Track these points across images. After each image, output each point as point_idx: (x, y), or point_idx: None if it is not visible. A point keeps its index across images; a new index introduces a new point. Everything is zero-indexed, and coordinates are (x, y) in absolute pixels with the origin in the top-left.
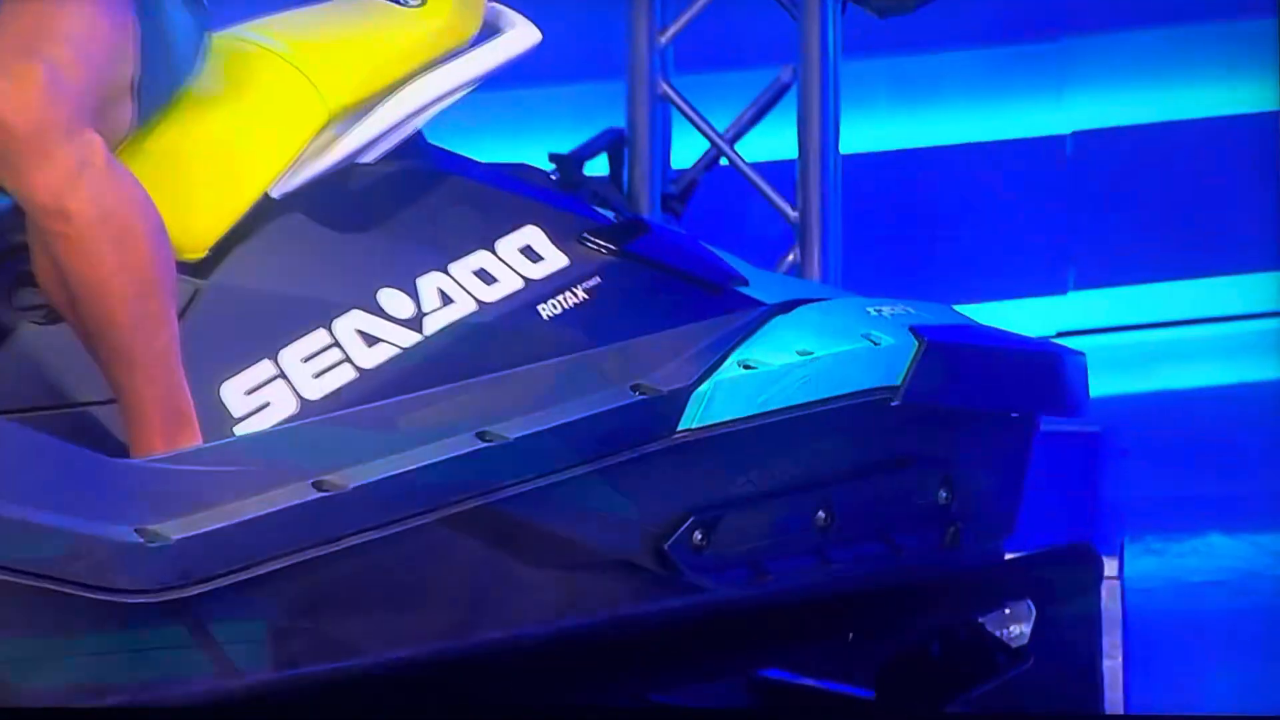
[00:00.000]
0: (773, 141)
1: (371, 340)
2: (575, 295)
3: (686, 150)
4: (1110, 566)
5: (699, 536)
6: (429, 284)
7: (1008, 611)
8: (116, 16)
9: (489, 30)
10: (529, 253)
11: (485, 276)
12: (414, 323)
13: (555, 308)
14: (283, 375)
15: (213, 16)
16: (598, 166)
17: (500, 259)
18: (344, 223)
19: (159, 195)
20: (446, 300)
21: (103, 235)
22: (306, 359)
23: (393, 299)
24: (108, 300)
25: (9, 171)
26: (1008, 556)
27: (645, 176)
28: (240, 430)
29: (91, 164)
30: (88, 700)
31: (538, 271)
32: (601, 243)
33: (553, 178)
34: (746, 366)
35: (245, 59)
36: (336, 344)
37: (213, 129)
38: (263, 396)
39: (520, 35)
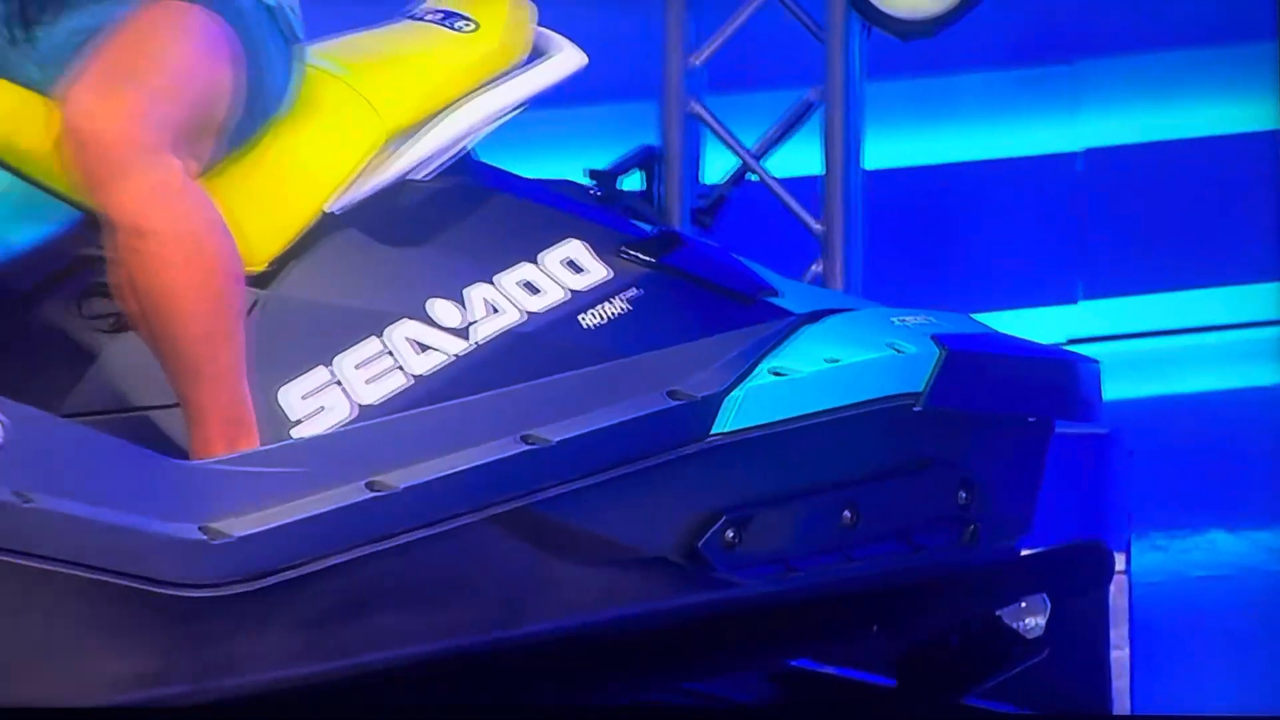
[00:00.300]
0: (799, 158)
1: (422, 348)
2: (614, 305)
3: (717, 166)
4: (1119, 562)
5: (730, 535)
6: (476, 294)
7: (1024, 605)
8: (217, 63)
9: (537, 53)
10: (571, 265)
11: (530, 287)
12: (462, 331)
13: (596, 317)
14: (338, 381)
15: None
16: (632, 182)
17: (544, 271)
18: (397, 237)
19: (223, 211)
20: (493, 310)
21: (176, 253)
22: (360, 365)
23: (442, 309)
24: (177, 315)
25: (94, 184)
26: (1023, 553)
27: (677, 191)
28: (297, 433)
29: (169, 185)
30: (151, 689)
31: (579, 283)
32: (640, 255)
33: (594, 194)
34: (776, 374)
35: (307, 82)
36: (389, 351)
37: (276, 149)
38: (318, 401)
39: (566, 59)
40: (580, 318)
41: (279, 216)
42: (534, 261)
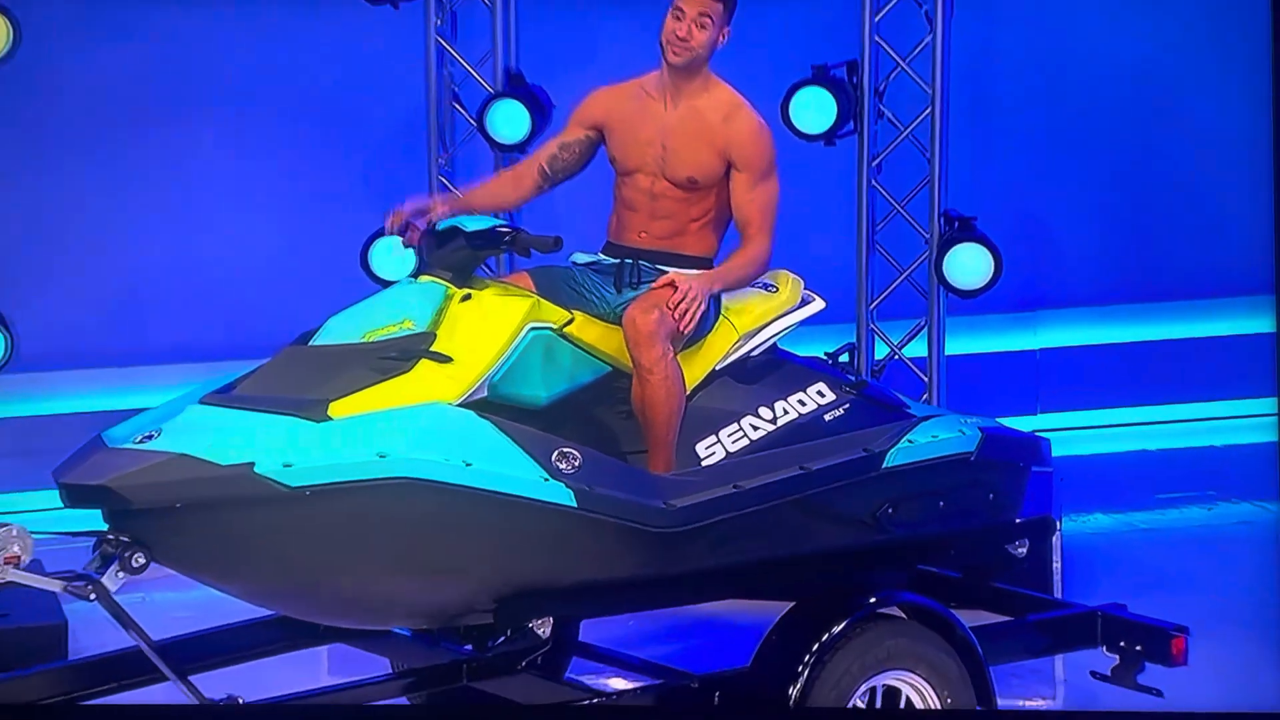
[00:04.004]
0: (918, 348)
1: (754, 428)
2: (838, 410)
3: (881, 351)
4: (1057, 526)
5: (890, 510)
6: (779, 405)
7: (1017, 543)
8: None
9: (803, 302)
10: (819, 393)
11: (800, 403)
12: (772, 421)
13: (830, 416)
14: (719, 441)
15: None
16: (843, 358)
17: (807, 395)
18: (744, 379)
19: None
20: (785, 412)
21: (663, 385)
22: (729, 435)
23: (764, 410)
24: (658, 415)
25: (637, 348)
26: (1017, 521)
27: (863, 362)
28: (704, 464)
29: (667, 355)
30: (644, 570)
31: (823, 401)
32: (850, 390)
33: (829, 362)
34: (910, 442)
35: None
36: (740, 428)
37: (694, 343)
38: (711, 450)
39: (816, 305)
40: (824, 416)
41: (694, 370)
42: (803, 391)
